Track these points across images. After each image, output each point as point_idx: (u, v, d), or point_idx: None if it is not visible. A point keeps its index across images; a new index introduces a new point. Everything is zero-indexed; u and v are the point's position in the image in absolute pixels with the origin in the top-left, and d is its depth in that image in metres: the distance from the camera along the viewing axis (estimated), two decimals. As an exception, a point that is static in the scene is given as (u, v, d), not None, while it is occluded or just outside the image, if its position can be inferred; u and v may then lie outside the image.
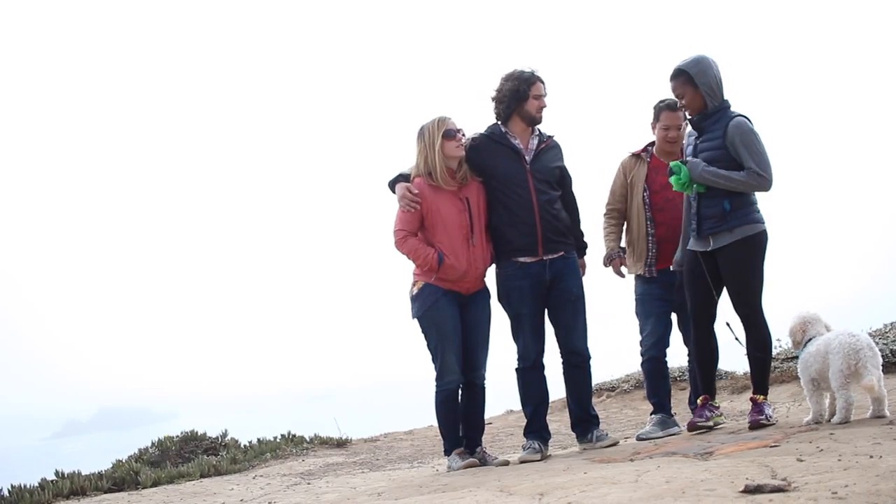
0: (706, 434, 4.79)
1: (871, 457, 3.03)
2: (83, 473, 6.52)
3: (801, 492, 2.60)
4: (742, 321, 4.62)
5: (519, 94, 4.81)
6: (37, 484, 6.26)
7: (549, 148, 4.92)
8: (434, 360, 4.79)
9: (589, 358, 4.91)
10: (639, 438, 5.07)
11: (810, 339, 4.46)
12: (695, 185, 4.52)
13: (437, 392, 4.79)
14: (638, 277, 5.23)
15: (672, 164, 4.58)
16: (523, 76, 4.81)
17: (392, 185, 4.87)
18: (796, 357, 4.61)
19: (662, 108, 5.14)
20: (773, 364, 7.91)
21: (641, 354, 5.20)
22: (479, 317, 4.86)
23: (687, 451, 3.95)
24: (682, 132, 5.08)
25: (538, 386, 4.91)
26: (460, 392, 4.87)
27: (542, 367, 4.93)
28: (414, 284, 4.83)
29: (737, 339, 4.67)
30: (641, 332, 5.20)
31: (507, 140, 4.84)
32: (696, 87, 4.55)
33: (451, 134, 4.73)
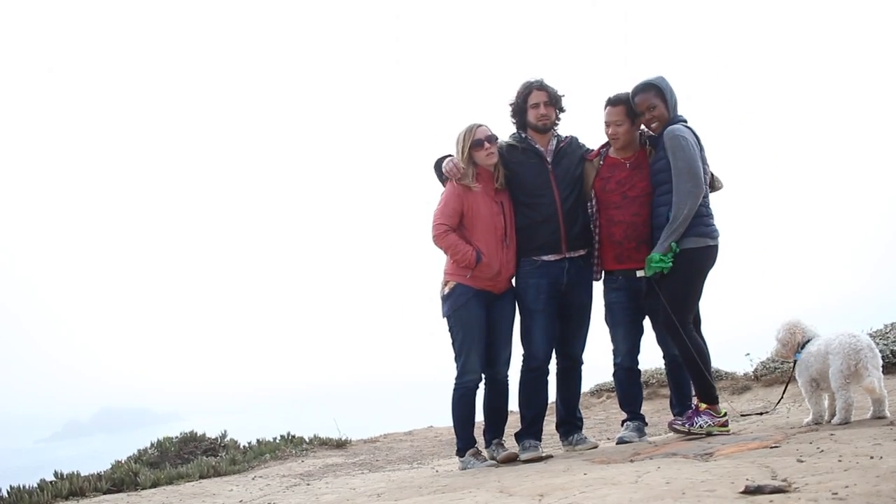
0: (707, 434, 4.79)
1: (872, 458, 3.02)
2: (82, 474, 6.51)
3: (802, 493, 2.59)
4: (665, 329, 4.68)
5: (518, 107, 5.03)
6: (36, 485, 6.25)
7: (569, 149, 5.04)
8: (456, 359, 4.91)
9: (582, 363, 5.15)
10: (619, 443, 5.07)
11: (808, 341, 4.47)
12: (670, 253, 4.53)
13: (455, 388, 4.92)
14: (605, 284, 5.11)
15: (648, 271, 4.60)
16: (520, 89, 5.01)
17: (438, 163, 4.99)
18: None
19: (606, 105, 4.93)
20: (774, 365, 7.95)
21: (614, 364, 5.15)
22: (504, 315, 4.98)
23: (687, 452, 3.94)
24: (623, 129, 4.88)
25: (543, 391, 5.04)
26: (483, 388, 5.02)
27: (548, 371, 5.04)
28: (445, 284, 4.94)
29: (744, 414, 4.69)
30: (612, 342, 5.14)
31: (528, 144, 5.02)
32: (665, 101, 4.69)
33: (478, 143, 4.89)
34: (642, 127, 4.93)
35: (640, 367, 5.16)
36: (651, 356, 5.42)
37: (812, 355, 4.38)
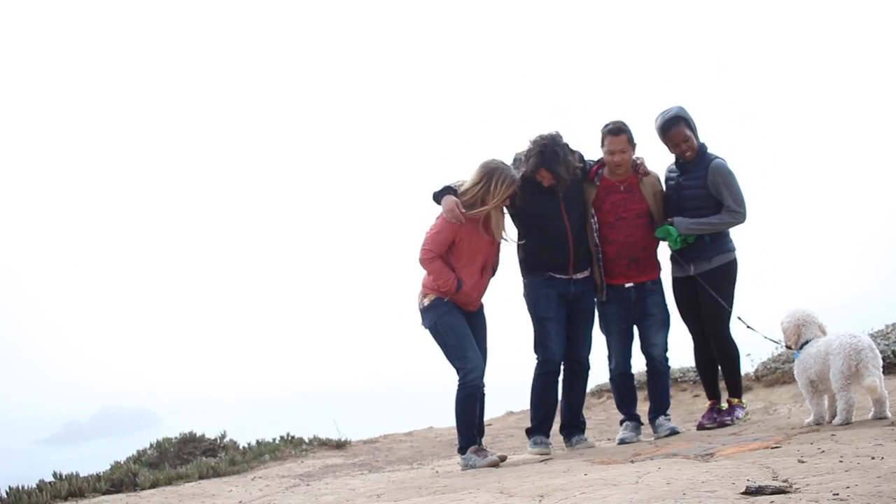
0: (707, 435, 4.80)
1: (873, 458, 3.02)
2: (81, 475, 6.49)
3: (803, 493, 2.59)
4: (712, 338, 5.28)
5: (538, 165, 4.97)
6: (35, 486, 6.23)
7: (577, 179, 5.16)
8: (455, 361, 5.01)
9: (588, 368, 5.38)
10: (620, 443, 5.27)
11: (807, 342, 4.46)
12: (687, 238, 5.13)
13: (461, 387, 4.99)
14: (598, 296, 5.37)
15: (658, 232, 5.18)
16: (544, 154, 4.92)
17: (438, 196, 5.04)
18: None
19: (606, 133, 5.18)
20: (775, 365, 7.98)
21: (610, 370, 5.43)
22: (478, 328, 5.16)
23: (688, 453, 3.94)
24: (628, 156, 5.17)
25: (555, 391, 5.29)
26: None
27: (559, 372, 5.28)
28: (425, 296, 5.07)
29: (749, 327, 5.15)
30: (608, 348, 5.43)
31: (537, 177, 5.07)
32: (693, 131, 5.16)
33: (510, 196, 4.96)
34: (635, 154, 5.23)
35: (632, 370, 5.45)
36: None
37: (811, 356, 4.36)
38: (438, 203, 5.04)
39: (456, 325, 4.99)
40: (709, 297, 5.14)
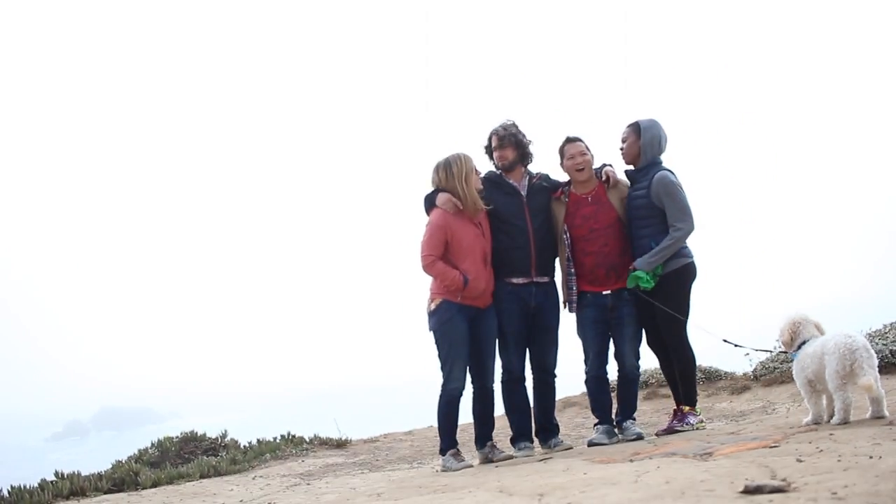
0: (707, 434, 4.81)
1: (871, 457, 3.03)
2: (83, 474, 6.51)
3: (801, 492, 2.59)
4: (670, 347, 5.31)
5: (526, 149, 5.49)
6: (36, 485, 6.25)
7: (541, 184, 5.49)
8: (443, 368, 5.22)
9: (555, 376, 5.58)
10: (589, 444, 5.41)
11: (804, 342, 4.48)
12: (656, 271, 5.17)
13: (441, 395, 5.23)
14: (577, 302, 5.48)
15: (629, 282, 5.23)
16: (524, 138, 5.47)
17: (430, 198, 5.32)
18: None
19: (563, 144, 5.48)
20: (773, 364, 8.00)
21: (585, 373, 5.57)
22: (488, 330, 5.33)
23: (687, 452, 3.95)
24: (588, 158, 5.41)
25: (521, 397, 5.52)
26: (472, 396, 5.39)
27: (524, 380, 5.52)
28: (432, 300, 5.24)
29: (737, 346, 5.25)
30: (584, 353, 5.57)
31: (503, 180, 5.48)
32: (639, 139, 5.29)
33: (477, 170, 5.28)
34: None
35: (608, 375, 5.58)
36: (650, 359, 5.61)
37: (808, 356, 4.39)
38: (428, 206, 5.31)
39: (453, 335, 5.16)
40: (664, 304, 5.19)
